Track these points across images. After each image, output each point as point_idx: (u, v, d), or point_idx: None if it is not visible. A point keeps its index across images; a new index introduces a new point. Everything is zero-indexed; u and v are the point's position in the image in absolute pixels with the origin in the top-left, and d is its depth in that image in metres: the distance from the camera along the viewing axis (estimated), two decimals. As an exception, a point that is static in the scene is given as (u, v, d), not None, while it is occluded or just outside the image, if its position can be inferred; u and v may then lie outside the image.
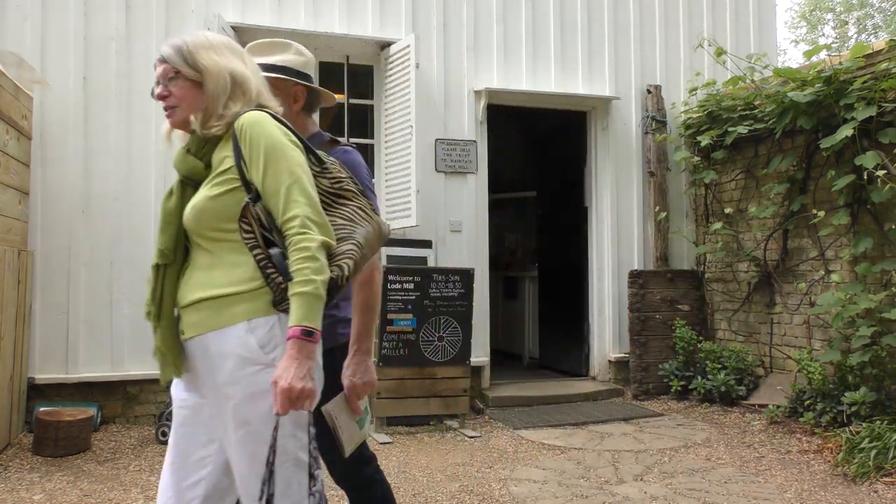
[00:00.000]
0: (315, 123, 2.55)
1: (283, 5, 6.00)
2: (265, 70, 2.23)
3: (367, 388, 2.30)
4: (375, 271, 2.33)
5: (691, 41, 7.28)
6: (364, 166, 2.44)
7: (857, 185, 5.29)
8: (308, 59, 2.44)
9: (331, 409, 2.21)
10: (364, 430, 2.34)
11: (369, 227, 1.91)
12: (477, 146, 6.50)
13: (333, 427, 2.20)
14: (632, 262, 6.99)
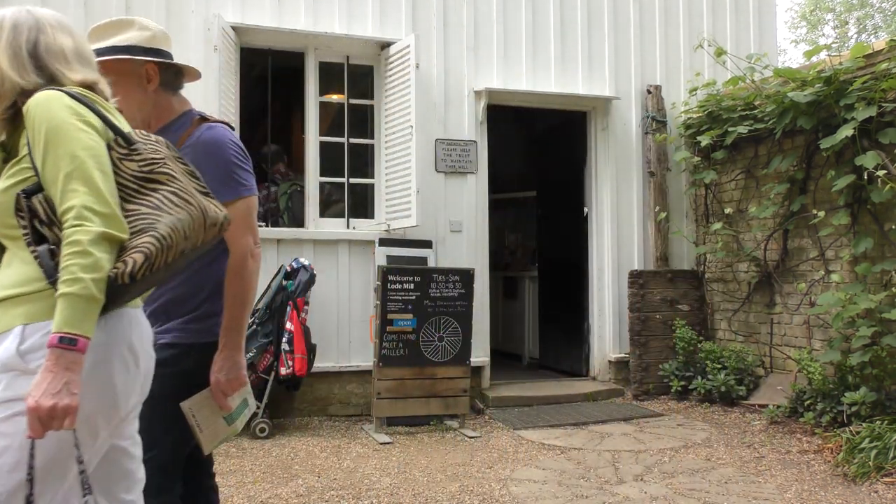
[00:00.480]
0: (184, 102, 2.34)
1: (283, 5, 6.00)
2: (103, 54, 2.09)
3: (232, 385, 2.18)
4: (249, 259, 2.17)
5: (691, 41, 7.28)
6: (229, 144, 2.22)
7: (858, 186, 5.29)
8: (155, 34, 2.25)
9: (189, 405, 2.13)
10: (235, 426, 2.26)
11: (183, 213, 1.65)
12: (477, 146, 6.51)
13: (191, 424, 2.13)
14: (632, 262, 7.00)
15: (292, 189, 6.42)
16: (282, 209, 6.40)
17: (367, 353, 6.00)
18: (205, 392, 2.17)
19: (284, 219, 6.37)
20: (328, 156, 6.25)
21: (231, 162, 2.19)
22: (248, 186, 2.22)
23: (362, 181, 6.35)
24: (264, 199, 6.40)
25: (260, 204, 6.25)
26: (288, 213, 6.37)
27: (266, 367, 5.32)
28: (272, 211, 6.38)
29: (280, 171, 6.64)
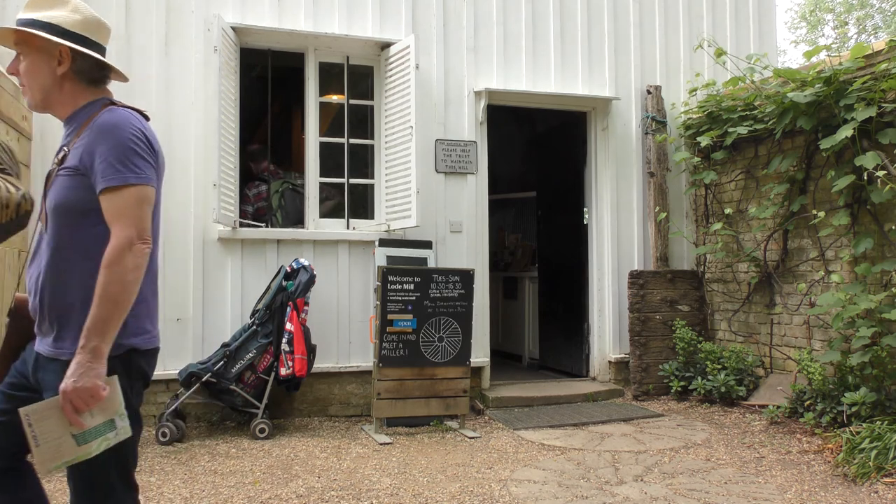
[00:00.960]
0: (99, 91, 2.20)
1: (283, 6, 6.00)
2: (24, 25, 2.04)
3: (81, 396, 1.87)
4: (127, 253, 1.96)
5: (691, 42, 7.29)
6: (129, 128, 2.06)
7: (857, 186, 5.28)
8: (86, 19, 2.14)
9: (28, 412, 1.86)
10: (88, 449, 1.92)
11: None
12: (477, 147, 6.51)
13: (28, 434, 1.85)
14: (632, 262, 7.00)
15: (284, 187, 6.42)
16: (274, 207, 6.39)
17: (367, 353, 6.00)
18: (48, 400, 1.91)
19: (277, 217, 6.37)
20: (328, 156, 6.25)
21: (125, 146, 2.02)
22: (141, 175, 2.03)
23: (362, 181, 6.35)
24: (255, 198, 6.38)
25: (250, 203, 6.27)
26: (281, 211, 6.36)
27: (266, 368, 5.32)
28: (263, 210, 6.37)
29: (269, 170, 6.63)
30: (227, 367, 5.24)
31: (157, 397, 5.56)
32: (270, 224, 6.27)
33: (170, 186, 5.62)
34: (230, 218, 5.66)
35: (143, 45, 5.62)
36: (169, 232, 5.61)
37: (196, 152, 5.69)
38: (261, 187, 6.42)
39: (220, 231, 5.71)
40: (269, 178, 6.53)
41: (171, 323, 5.61)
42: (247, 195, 6.34)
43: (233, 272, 5.78)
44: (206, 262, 5.72)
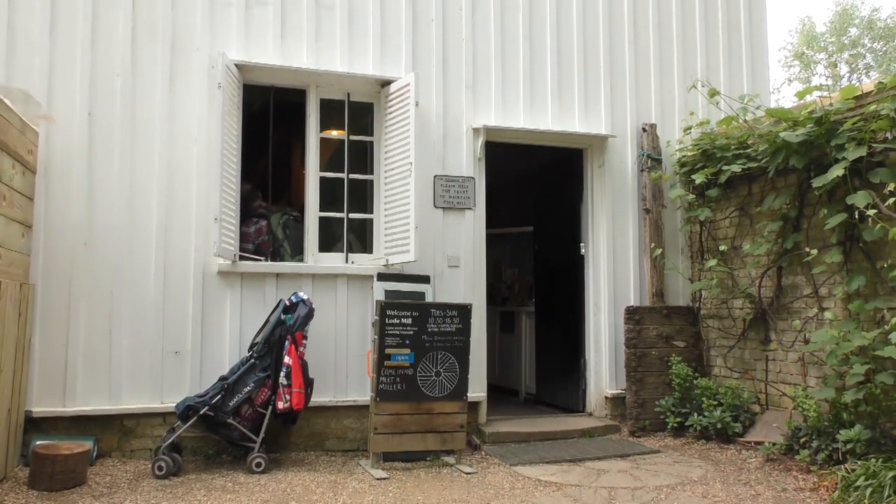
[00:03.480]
0: None
1: (286, 43, 6.13)
2: None
3: None
4: None
5: (685, 81, 7.44)
6: None
7: (850, 224, 5.37)
8: None
9: None
10: None
11: None
12: (475, 182, 6.59)
13: None
14: (628, 297, 7.05)
15: (285, 219, 6.48)
16: (280, 239, 6.45)
17: (364, 387, 6.02)
18: None
19: (286, 247, 6.42)
20: (328, 189, 6.32)
21: None
22: None
23: (361, 216, 6.42)
24: (255, 234, 6.43)
25: (250, 240, 6.32)
26: (288, 241, 6.42)
27: (264, 401, 5.33)
28: (267, 243, 6.42)
29: (263, 206, 6.68)
30: (225, 401, 5.25)
31: (153, 430, 5.55)
32: (279, 256, 6.33)
33: (171, 220, 5.69)
34: (230, 252, 5.72)
35: (147, 81, 5.71)
36: (169, 265, 5.66)
37: (198, 186, 5.77)
38: (260, 223, 6.48)
39: (220, 264, 5.76)
40: (267, 212, 6.60)
41: (169, 356, 5.63)
42: (246, 233, 6.39)
43: (232, 305, 5.81)
44: (205, 296, 5.76)
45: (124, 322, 5.54)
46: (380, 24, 6.42)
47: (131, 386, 5.52)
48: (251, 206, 6.67)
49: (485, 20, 6.79)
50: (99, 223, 5.53)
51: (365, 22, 6.38)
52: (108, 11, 5.65)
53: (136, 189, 5.64)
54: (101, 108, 5.59)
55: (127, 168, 5.63)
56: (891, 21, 27.67)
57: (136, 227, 5.61)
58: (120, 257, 5.56)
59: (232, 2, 5.98)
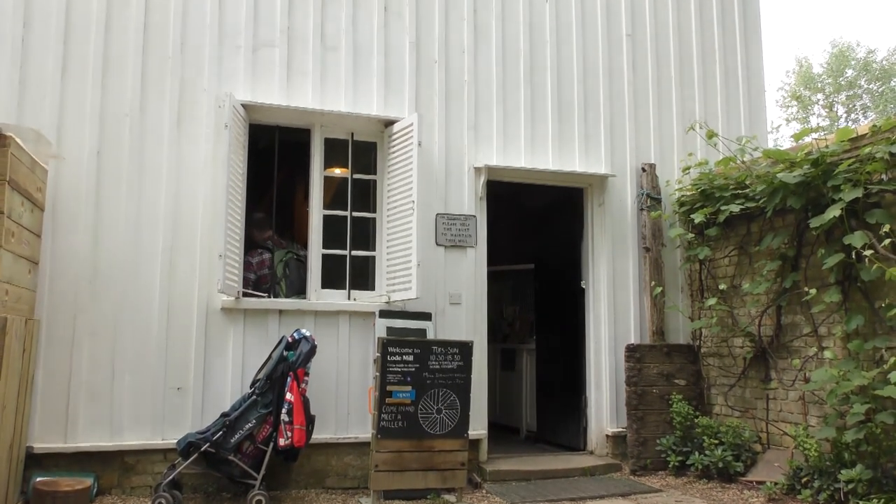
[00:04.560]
0: None
1: (292, 84, 6.25)
2: None
3: None
4: None
5: (684, 122, 7.56)
6: None
7: (847, 263, 5.42)
8: None
9: None
10: None
11: None
12: (476, 221, 6.67)
13: None
14: (628, 335, 7.08)
15: (288, 257, 6.54)
16: (278, 276, 6.50)
17: (365, 424, 6.02)
18: None
19: (282, 286, 6.47)
20: (330, 226, 6.39)
21: None
22: None
23: (364, 253, 6.48)
24: (258, 266, 6.50)
25: (252, 270, 6.38)
26: (285, 280, 6.47)
27: (265, 438, 5.33)
28: (265, 278, 6.48)
29: (273, 239, 6.76)
30: (226, 437, 5.25)
31: (154, 467, 5.55)
32: (274, 294, 6.37)
33: (176, 257, 5.75)
34: (234, 288, 5.77)
35: (155, 120, 5.82)
36: (173, 301, 5.71)
37: (203, 224, 5.84)
38: (264, 255, 6.54)
39: (223, 301, 5.80)
40: (273, 246, 6.66)
41: (171, 392, 5.65)
42: (249, 262, 6.46)
43: (234, 341, 5.85)
44: (208, 332, 5.80)
45: (127, 358, 5.57)
46: (384, 65, 6.56)
47: (133, 422, 5.53)
48: (262, 235, 6.74)
49: (486, 62, 6.94)
50: (104, 260, 5.59)
51: (369, 63, 6.52)
52: (120, 53, 5.79)
53: (142, 226, 5.71)
54: (109, 147, 5.69)
55: (133, 206, 5.71)
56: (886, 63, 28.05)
57: (140, 264, 5.67)
58: (124, 294, 5.61)
59: (240, 44, 6.12)
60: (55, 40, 5.64)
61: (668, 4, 7.80)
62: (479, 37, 6.95)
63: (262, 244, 6.70)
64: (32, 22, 5.61)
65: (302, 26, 6.34)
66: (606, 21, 7.49)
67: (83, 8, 5.75)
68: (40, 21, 5.63)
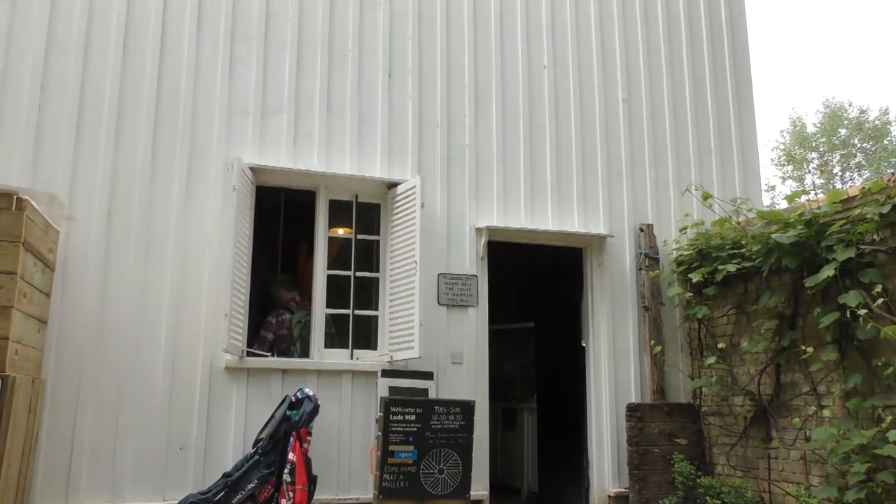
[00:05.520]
0: None
1: (298, 148, 6.44)
2: None
3: None
4: None
5: (680, 183, 7.74)
6: None
7: (843, 322, 5.50)
8: None
9: None
10: None
11: None
12: (478, 280, 6.78)
13: None
14: (629, 394, 7.11)
15: (307, 319, 6.64)
16: (294, 337, 6.59)
17: (366, 484, 6.01)
18: None
19: (296, 347, 6.54)
20: (334, 287, 6.49)
21: None
22: None
23: (367, 313, 6.57)
24: (277, 326, 6.59)
25: (272, 330, 6.47)
26: (301, 342, 6.55)
27: (267, 499, 5.33)
28: (285, 337, 6.56)
29: (296, 300, 6.87)
30: (228, 498, 5.26)
31: (155, 528, 5.53)
32: (289, 353, 6.45)
33: (181, 317, 5.84)
34: (238, 347, 5.84)
35: (165, 183, 5.98)
36: (177, 361, 5.77)
37: (209, 284, 5.94)
38: (284, 316, 6.65)
39: (227, 360, 5.87)
40: (295, 308, 6.76)
41: (173, 452, 5.66)
42: (269, 322, 6.57)
43: (238, 401, 5.89)
44: (211, 391, 5.84)
45: (131, 417, 5.60)
46: (387, 129, 6.76)
47: (134, 483, 5.53)
48: (287, 296, 6.87)
49: (487, 126, 7.15)
50: (111, 320, 5.67)
51: (373, 127, 6.72)
52: (132, 119, 5.99)
53: (149, 286, 5.81)
54: (119, 209, 5.84)
55: (141, 267, 5.82)
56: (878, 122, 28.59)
57: (146, 324, 5.75)
58: (129, 354, 5.68)
59: (249, 110, 6.33)
60: (70, 107, 5.84)
61: (663, 69, 8.06)
62: (480, 102, 7.17)
63: (286, 305, 6.82)
64: (49, 89, 5.81)
65: (309, 92, 6.56)
66: (603, 86, 7.73)
67: (99, 75, 5.97)
68: (57, 88, 5.84)
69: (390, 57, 6.92)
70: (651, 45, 8.08)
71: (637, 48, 8.00)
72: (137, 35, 6.14)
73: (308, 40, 6.66)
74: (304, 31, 6.66)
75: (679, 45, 8.22)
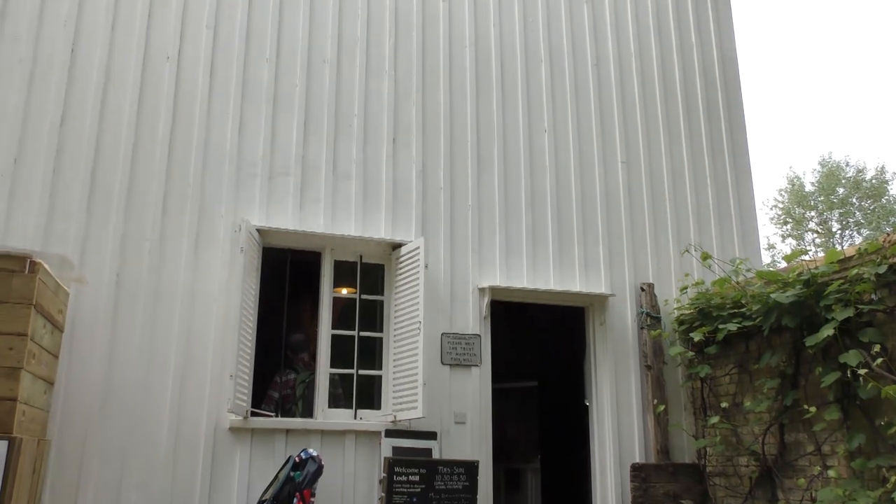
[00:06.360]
0: None
1: (304, 210, 6.58)
2: None
3: None
4: None
5: (679, 243, 7.85)
6: None
7: (845, 381, 5.53)
8: None
9: None
10: None
11: None
12: (481, 340, 6.83)
13: None
14: (633, 454, 7.07)
15: (310, 379, 6.67)
16: (297, 397, 6.61)
17: (370, 547, 5.96)
18: None
19: (298, 407, 6.56)
20: (337, 346, 6.54)
21: None
22: None
23: (370, 373, 6.60)
24: (283, 385, 6.62)
25: (278, 389, 6.50)
26: (303, 401, 6.57)
27: (270, 562, 5.28)
28: (289, 397, 6.59)
29: (304, 360, 6.92)
30: (231, 561, 5.21)
31: (156, 592, 5.46)
32: (292, 413, 6.46)
33: (186, 378, 5.88)
34: (243, 408, 5.86)
35: (174, 244, 6.10)
36: (182, 423, 5.78)
37: (215, 344, 6.00)
38: (290, 375, 6.70)
39: (231, 420, 5.88)
40: (302, 367, 6.81)
41: (176, 513, 5.64)
42: (276, 381, 6.61)
43: (241, 461, 5.88)
44: (215, 452, 5.84)
45: (134, 478, 5.59)
46: (392, 191, 6.91)
47: (137, 545, 5.49)
48: (296, 356, 6.92)
49: (489, 188, 7.30)
50: (117, 381, 5.71)
51: (378, 190, 6.87)
52: (144, 182, 6.13)
53: (156, 347, 5.86)
54: (128, 270, 5.93)
55: (148, 328, 5.88)
56: (875, 181, 28.91)
57: (151, 385, 5.78)
58: (134, 415, 5.69)
59: (257, 173, 6.49)
60: (84, 171, 6.00)
61: (660, 132, 8.26)
62: (483, 165, 7.35)
63: (293, 365, 6.86)
64: (64, 153, 5.98)
65: (315, 156, 6.73)
66: (602, 149, 7.92)
67: (113, 140, 6.14)
68: (71, 153, 6.00)
69: (395, 122, 7.12)
70: (648, 108, 8.30)
71: (635, 111, 8.22)
72: (151, 100, 6.34)
73: (315, 105, 6.87)
74: (311, 97, 6.87)
75: (675, 108, 8.45)
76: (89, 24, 6.33)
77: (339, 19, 7.19)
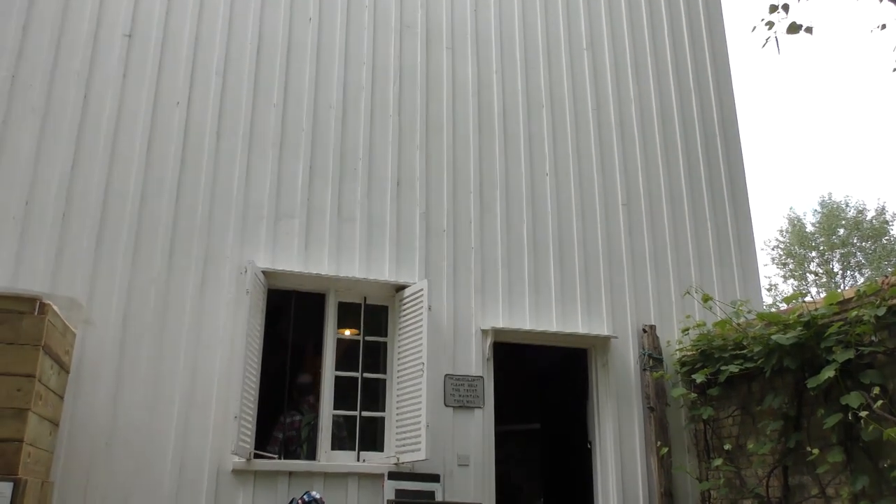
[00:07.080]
0: None
1: (310, 252, 6.66)
2: None
3: None
4: None
5: (680, 284, 7.91)
6: None
7: (847, 423, 5.54)
8: None
9: None
10: None
11: None
12: (484, 381, 6.85)
13: None
14: (637, 497, 7.04)
15: (315, 421, 6.67)
16: (302, 439, 6.61)
17: (373, 592, 5.90)
18: None
19: (303, 449, 6.56)
20: (341, 387, 6.56)
21: None
22: None
23: (374, 414, 6.62)
24: (289, 426, 6.63)
25: (282, 430, 6.51)
26: (308, 444, 6.57)
27: None
28: (293, 439, 6.59)
29: (309, 402, 6.93)
30: None
31: None
32: (296, 455, 6.46)
33: (190, 420, 5.90)
34: (246, 450, 5.87)
35: (180, 286, 6.17)
36: (185, 465, 5.79)
37: (219, 386, 6.03)
38: (296, 417, 6.71)
39: (234, 462, 5.88)
40: (307, 409, 6.82)
41: (178, 557, 5.61)
42: (281, 423, 6.62)
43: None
44: (218, 494, 5.83)
45: (137, 521, 5.58)
46: (396, 234, 7.01)
47: (138, 589, 5.46)
48: (301, 398, 6.93)
49: (491, 230, 7.40)
50: (121, 423, 5.73)
51: (382, 232, 6.97)
52: (151, 225, 6.23)
53: (160, 390, 5.89)
54: (134, 312, 6.00)
55: (153, 369, 5.92)
56: (876, 221, 29.03)
57: (156, 426, 5.80)
58: (138, 457, 5.70)
59: (263, 215, 6.59)
60: (93, 216, 6.10)
61: (660, 174, 8.38)
62: (485, 207, 7.45)
63: (299, 407, 6.88)
64: (74, 199, 6.09)
65: (320, 199, 6.84)
66: (603, 192, 8.03)
67: (122, 185, 6.26)
68: (81, 198, 6.11)
69: (399, 165, 7.25)
70: (648, 151, 8.44)
71: (635, 154, 8.35)
72: (160, 145, 6.47)
73: (321, 150, 7.00)
74: (317, 141, 7.01)
75: (675, 150, 8.58)
76: (101, 73, 6.49)
77: (345, 66, 7.37)
